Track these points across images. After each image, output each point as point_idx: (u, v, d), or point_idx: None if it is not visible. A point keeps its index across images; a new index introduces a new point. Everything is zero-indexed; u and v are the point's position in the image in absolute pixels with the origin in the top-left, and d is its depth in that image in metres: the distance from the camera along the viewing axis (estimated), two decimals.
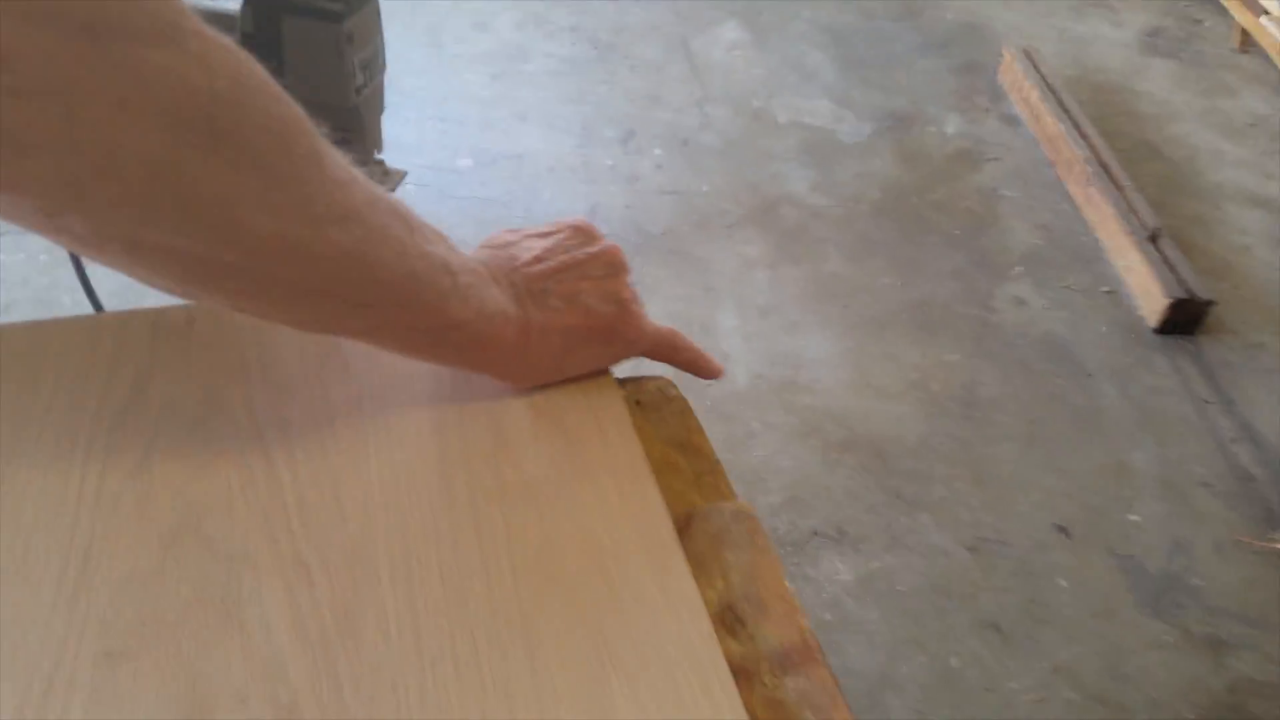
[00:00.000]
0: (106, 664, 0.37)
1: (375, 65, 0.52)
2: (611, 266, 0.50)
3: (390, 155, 2.06)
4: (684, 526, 0.47)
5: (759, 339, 1.74)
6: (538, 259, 0.49)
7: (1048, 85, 2.30)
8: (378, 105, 0.55)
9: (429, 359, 0.48)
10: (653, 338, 0.52)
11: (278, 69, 0.48)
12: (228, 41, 0.33)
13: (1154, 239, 1.89)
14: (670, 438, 0.52)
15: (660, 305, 1.78)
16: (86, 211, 0.32)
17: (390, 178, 0.61)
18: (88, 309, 0.52)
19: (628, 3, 2.65)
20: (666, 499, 0.47)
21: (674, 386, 0.55)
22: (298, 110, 0.36)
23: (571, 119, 2.24)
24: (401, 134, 2.13)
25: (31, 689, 0.35)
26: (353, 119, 0.52)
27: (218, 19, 0.46)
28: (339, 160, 0.38)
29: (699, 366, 0.54)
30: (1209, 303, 1.80)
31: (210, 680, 0.36)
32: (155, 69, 0.30)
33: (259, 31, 0.47)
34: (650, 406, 0.54)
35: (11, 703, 0.35)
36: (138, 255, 0.34)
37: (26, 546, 0.40)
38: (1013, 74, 2.39)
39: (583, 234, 0.51)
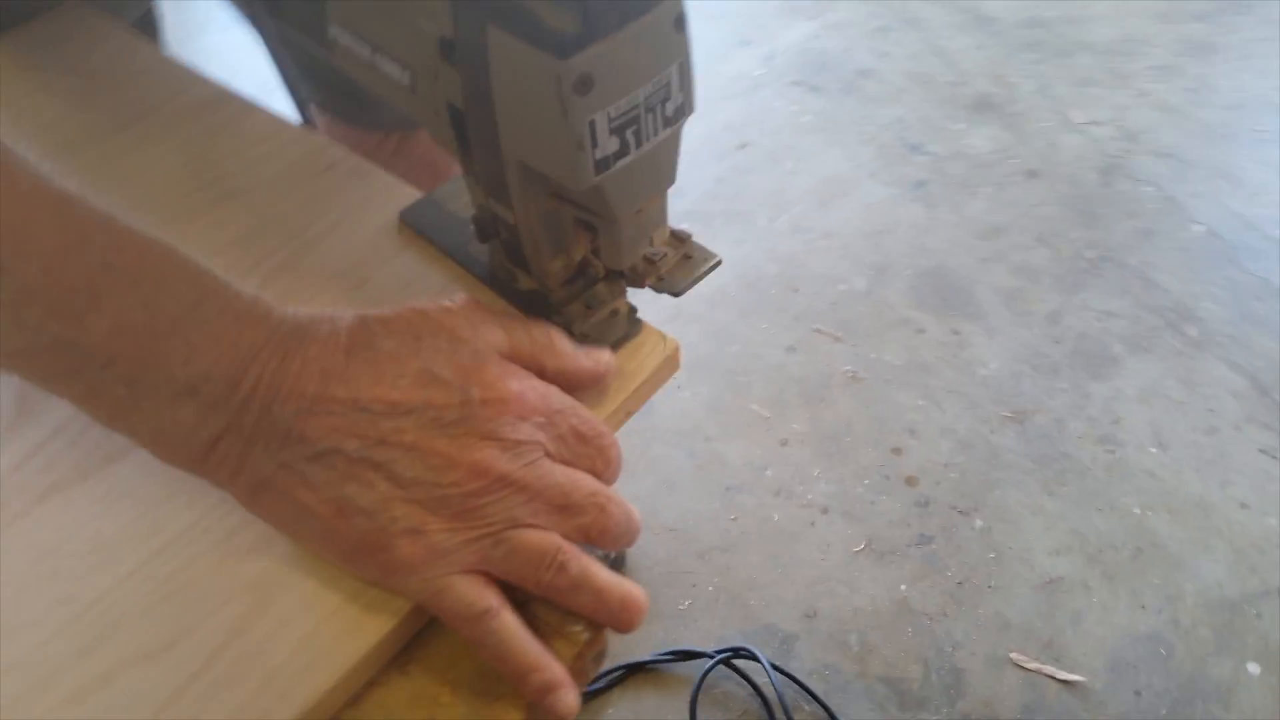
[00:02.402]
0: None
1: (647, 123, 0.34)
2: (435, 486, 0.33)
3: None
4: None
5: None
6: (359, 407, 0.34)
7: None
8: (647, 182, 0.36)
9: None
10: (433, 602, 0.34)
11: (485, 97, 0.34)
12: None
13: None
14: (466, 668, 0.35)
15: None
16: None
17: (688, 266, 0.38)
18: None
19: None
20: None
21: (582, 627, 0.36)
22: None
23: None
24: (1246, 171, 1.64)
25: None
26: (594, 200, 0.36)
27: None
28: None
29: (516, 677, 0.34)
30: None
31: None
32: None
33: (462, 37, 0.33)
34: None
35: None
36: None
37: None
38: None
39: (472, 410, 0.34)
